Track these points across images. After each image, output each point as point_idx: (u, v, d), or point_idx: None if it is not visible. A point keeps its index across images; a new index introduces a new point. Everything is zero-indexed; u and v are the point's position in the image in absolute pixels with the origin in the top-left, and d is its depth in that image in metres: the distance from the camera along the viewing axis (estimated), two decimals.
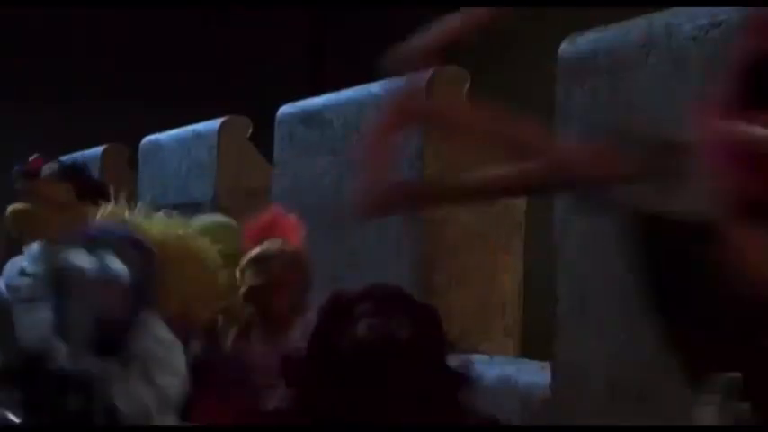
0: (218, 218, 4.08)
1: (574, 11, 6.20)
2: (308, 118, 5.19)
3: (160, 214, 3.44)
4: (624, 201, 1.92)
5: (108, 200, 3.46)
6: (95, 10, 9.94)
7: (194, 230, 3.73)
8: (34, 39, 10.03)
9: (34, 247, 3.32)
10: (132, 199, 4.03)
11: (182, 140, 6.41)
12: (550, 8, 7.75)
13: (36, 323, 2.77)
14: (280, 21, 10.39)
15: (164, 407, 2.70)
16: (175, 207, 6.48)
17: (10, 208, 3.70)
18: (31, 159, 3.76)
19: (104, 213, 3.32)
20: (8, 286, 3.17)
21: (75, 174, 3.73)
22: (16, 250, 3.55)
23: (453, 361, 2.75)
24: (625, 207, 1.92)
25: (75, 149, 7.86)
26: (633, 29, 3.38)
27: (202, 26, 10.31)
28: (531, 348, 4.30)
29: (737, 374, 1.73)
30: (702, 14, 3.11)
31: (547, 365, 3.63)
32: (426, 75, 4.38)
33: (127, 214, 3.32)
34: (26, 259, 3.27)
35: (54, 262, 2.81)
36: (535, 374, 3.77)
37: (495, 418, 2.70)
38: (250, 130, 6.08)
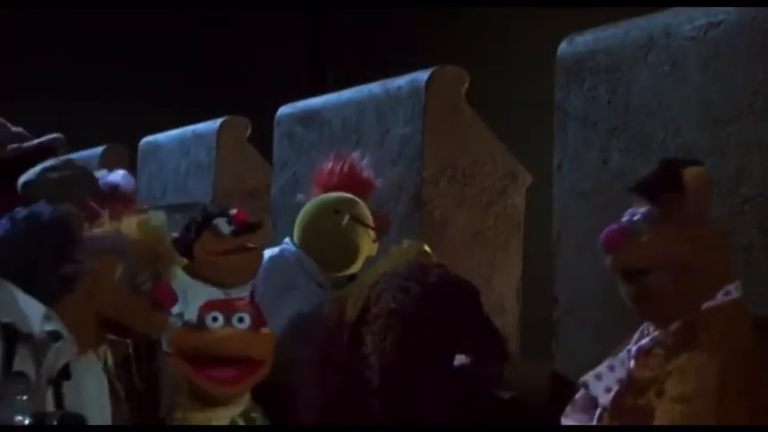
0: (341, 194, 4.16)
1: (573, 11, 6.20)
2: (308, 118, 5.18)
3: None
4: None
5: None
6: (95, 10, 9.94)
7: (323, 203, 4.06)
8: (34, 39, 10.03)
9: None
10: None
11: (181, 140, 6.41)
12: (550, 8, 7.74)
13: None
14: (280, 21, 10.38)
15: None
16: (174, 207, 6.50)
17: None
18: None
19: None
20: None
21: None
22: None
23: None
24: None
25: (75, 149, 7.86)
26: (632, 29, 3.37)
27: (202, 26, 10.30)
28: (530, 348, 4.30)
29: None
30: (702, 14, 3.10)
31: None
32: (426, 74, 4.40)
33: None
34: None
35: None
36: None
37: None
38: (249, 131, 6.07)
